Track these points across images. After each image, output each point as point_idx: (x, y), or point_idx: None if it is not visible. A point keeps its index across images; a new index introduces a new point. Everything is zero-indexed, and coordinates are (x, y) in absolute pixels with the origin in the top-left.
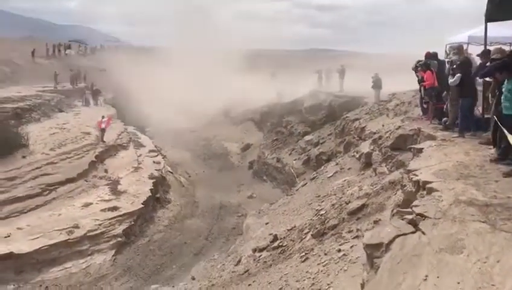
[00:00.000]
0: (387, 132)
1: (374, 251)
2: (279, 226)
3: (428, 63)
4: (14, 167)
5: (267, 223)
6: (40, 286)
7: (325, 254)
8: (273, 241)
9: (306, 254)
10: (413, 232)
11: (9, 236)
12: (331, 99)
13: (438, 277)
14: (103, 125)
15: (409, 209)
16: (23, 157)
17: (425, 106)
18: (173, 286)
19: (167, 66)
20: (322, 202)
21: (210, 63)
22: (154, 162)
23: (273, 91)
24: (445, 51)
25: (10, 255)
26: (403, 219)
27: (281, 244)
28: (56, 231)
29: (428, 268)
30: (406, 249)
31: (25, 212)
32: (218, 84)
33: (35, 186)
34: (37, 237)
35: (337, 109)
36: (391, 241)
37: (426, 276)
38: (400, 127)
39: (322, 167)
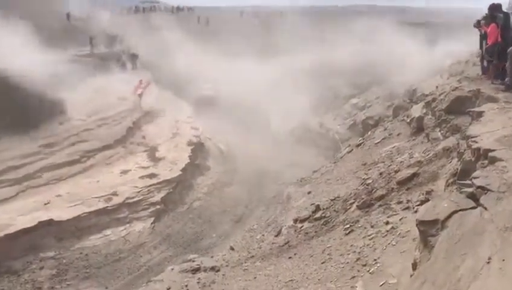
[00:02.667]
0: (442, 93)
1: (428, 228)
2: (322, 196)
3: (495, 15)
4: (52, 133)
5: (309, 193)
6: (80, 253)
7: (372, 227)
8: (315, 212)
9: (351, 226)
10: (473, 208)
11: (48, 203)
12: (378, 60)
13: (503, 260)
14: (140, 91)
15: (468, 181)
16: (60, 124)
17: (486, 64)
18: (212, 257)
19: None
20: (369, 170)
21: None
22: (192, 128)
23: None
24: (509, 2)
25: (50, 222)
26: (461, 192)
27: (323, 215)
28: (95, 198)
29: (491, 249)
30: (465, 227)
31: (64, 179)
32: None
33: (73, 153)
34: (76, 205)
35: (386, 70)
36: (448, 218)
37: (489, 258)
38: (456, 88)
39: (369, 133)
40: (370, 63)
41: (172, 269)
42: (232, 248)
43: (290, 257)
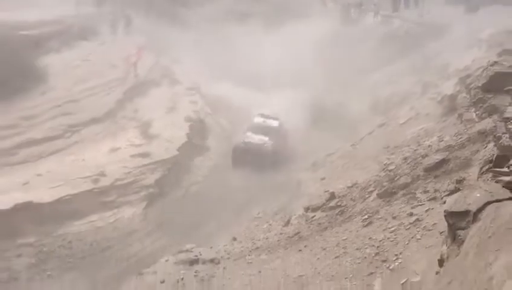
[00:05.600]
0: (479, 68)
1: (458, 221)
2: (338, 182)
3: None
4: (32, 104)
5: (322, 179)
6: (63, 240)
7: (393, 218)
8: (329, 200)
9: (370, 217)
10: (510, 199)
11: (27, 183)
12: (407, 27)
13: None
14: (135, 58)
15: (506, 169)
16: (42, 93)
17: None
18: (211, 247)
19: None
20: (392, 154)
21: None
22: (191, 101)
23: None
24: None
25: (29, 205)
26: (496, 181)
27: (339, 203)
28: (80, 178)
29: None
30: (500, 220)
31: (45, 157)
32: None
33: (56, 127)
34: (59, 185)
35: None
36: (480, 210)
37: None
38: (495, 62)
39: (393, 112)
40: (395, 31)
41: (166, 260)
42: (234, 238)
43: (299, 250)
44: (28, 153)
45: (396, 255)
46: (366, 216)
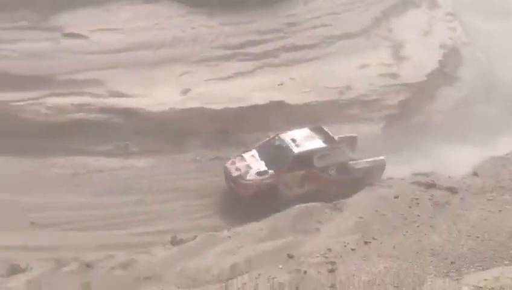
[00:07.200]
0: None
1: None
2: None
3: None
4: (295, 12)
5: None
6: None
7: None
8: None
9: None
10: None
11: (282, 84)
12: None
13: None
14: None
15: None
16: (305, 3)
17: None
18: (449, 177)
19: None
20: None
21: None
22: (449, 28)
23: None
24: None
25: (281, 104)
26: None
27: None
28: (328, 88)
29: None
30: None
31: (300, 63)
32: None
33: (314, 36)
34: (308, 91)
35: None
36: None
37: None
38: None
39: None
40: None
41: (402, 179)
42: (475, 173)
43: None
44: (287, 57)
45: None
46: None
